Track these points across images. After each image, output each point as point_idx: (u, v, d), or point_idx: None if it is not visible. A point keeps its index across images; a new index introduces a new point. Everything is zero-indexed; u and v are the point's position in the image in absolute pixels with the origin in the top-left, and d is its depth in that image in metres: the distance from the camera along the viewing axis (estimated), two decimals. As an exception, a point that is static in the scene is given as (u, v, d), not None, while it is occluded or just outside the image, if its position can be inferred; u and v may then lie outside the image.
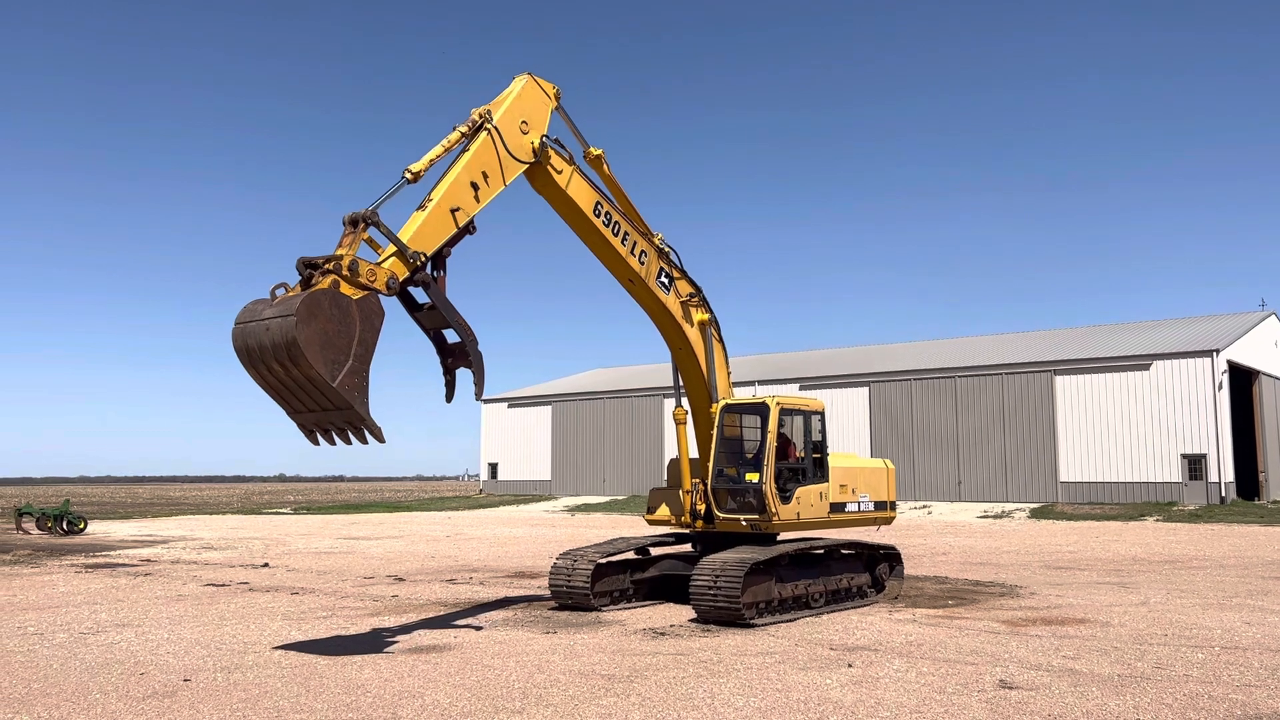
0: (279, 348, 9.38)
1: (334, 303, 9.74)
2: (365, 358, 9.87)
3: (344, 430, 10.12)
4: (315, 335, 9.40)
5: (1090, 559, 23.96)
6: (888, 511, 16.69)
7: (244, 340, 9.68)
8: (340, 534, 36.09)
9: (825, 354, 69.49)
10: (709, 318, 15.14)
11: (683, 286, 14.87)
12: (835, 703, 8.89)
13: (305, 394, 9.76)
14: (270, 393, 9.98)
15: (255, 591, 18.03)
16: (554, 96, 13.32)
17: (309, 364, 9.32)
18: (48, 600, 16.88)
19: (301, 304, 9.37)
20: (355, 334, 9.82)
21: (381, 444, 10.23)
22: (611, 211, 13.70)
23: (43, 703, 9.16)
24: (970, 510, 49.07)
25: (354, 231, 10.37)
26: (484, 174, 11.85)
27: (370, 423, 9.91)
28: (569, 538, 31.24)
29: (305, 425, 10.23)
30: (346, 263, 9.99)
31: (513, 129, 12.38)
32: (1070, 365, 51.46)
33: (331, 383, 9.47)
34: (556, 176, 12.90)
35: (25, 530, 36.52)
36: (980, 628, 13.13)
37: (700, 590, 13.34)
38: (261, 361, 9.59)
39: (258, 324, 9.58)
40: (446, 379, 11.76)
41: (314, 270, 9.84)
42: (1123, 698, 9.04)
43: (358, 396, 9.71)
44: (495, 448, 74.34)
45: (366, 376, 9.85)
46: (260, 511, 59.14)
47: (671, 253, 14.71)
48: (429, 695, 9.31)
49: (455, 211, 11.40)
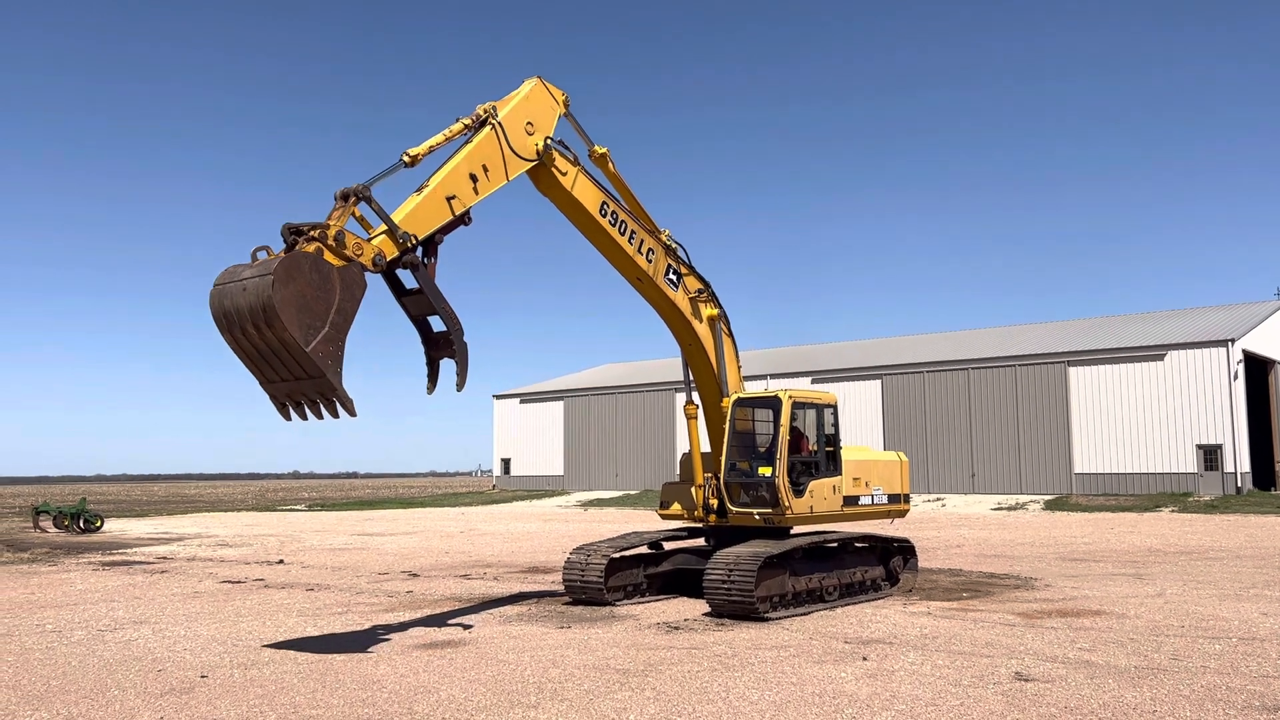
0: (255, 309, 9.20)
1: (314, 267, 9.57)
2: (342, 327, 9.69)
3: (315, 403, 9.88)
4: (292, 297, 9.23)
5: (1105, 550, 23.86)
6: (901, 504, 16.65)
7: (220, 301, 9.50)
8: (354, 530, 36.23)
9: (837, 347, 69.36)
10: (718, 313, 15.09)
11: (691, 282, 14.81)
12: (850, 696, 8.88)
13: (279, 361, 9.55)
14: (244, 359, 9.77)
15: (271, 588, 18.11)
16: (563, 103, 13.26)
17: (283, 326, 9.13)
18: (65, 598, 17.00)
19: (280, 264, 9.23)
20: (334, 302, 9.63)
21: (352, 417, 10.00)
22: (618, 210, 13.64)
23: (61, 699, 9.22)
24: (984, 502, 48.93)
25: (344, 205, 10.24)
26: (484, 167, 11.79)
27: (342, 393, 9.68)
28: (582, 533, 31.27)
29: (277, 396, 10.00)
30: (333, 233, 9.87)
31: (517, 128, 12.34)
32: (1084, 356, 51.22)
33: (305, 347, 9.28)
34: (561, 178, 12.83)
35: (43, 529, 36.77)
36: (995, 620, 13.09)
37: (714, 584, 13.34)
38: (238, 325, 9.39)
39: (235, 284, 9.40)
40: (430, 369, 11.55)
41: (298, 236, 9.68)
42: (1139, 689, 9.00)
43: (330, 365, 9.51)
44: (508, 443, 74.49)
45: (342, 346, 9.66)
46: (275, 509, 59.41)
47: (679, 249, 14.65)
48: (444, 690, 9.33)
49: (451, 199, 11.31)
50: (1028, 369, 52.77)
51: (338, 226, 9.99)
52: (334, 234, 9.87)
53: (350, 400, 9.81)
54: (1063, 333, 58.09)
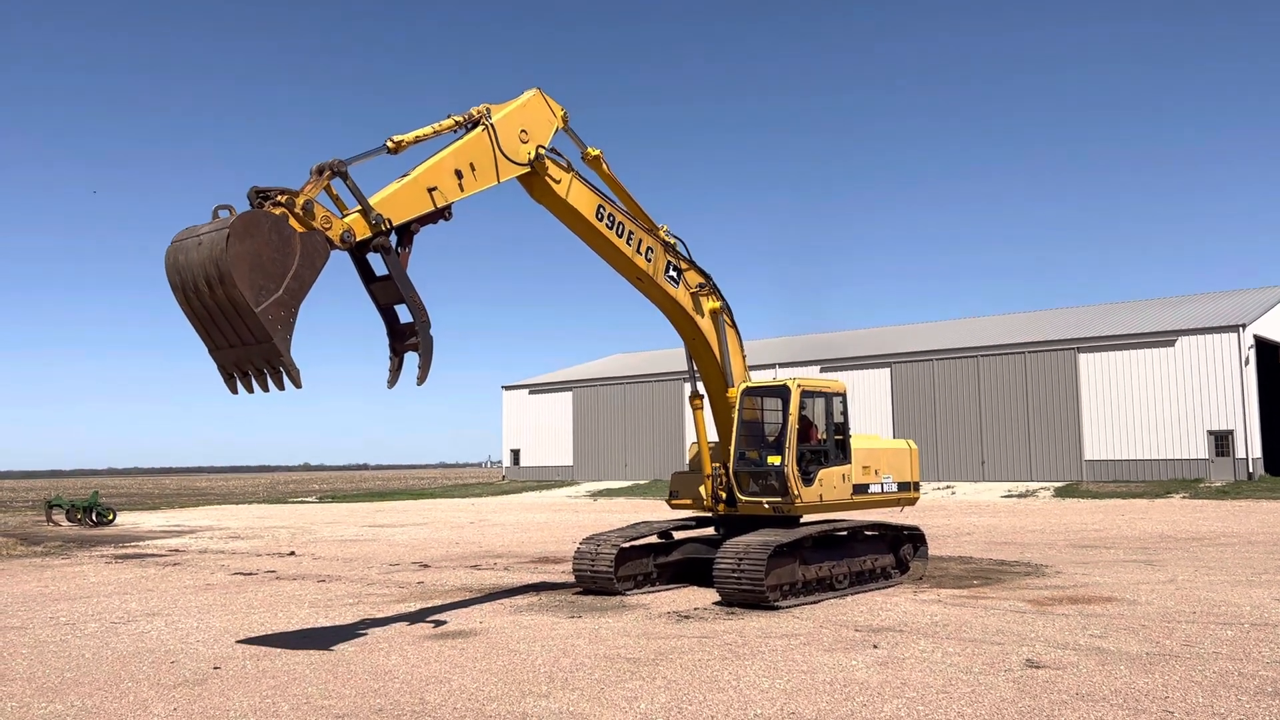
0: (207, 264, 8.96)
1: (275, 228, 9.32)
2: (297, 294, 9.40)
3: (262, 373, 9.55)
4: (246, 254, 8.97)
5: (1116, 537, 23.80)
6: (911, 492, 16.63)
7: (175, 257, 9.25)
8: (365, 522, 36.36)
9: (846, 335, 69.26)
10: (720, 306, 14.94)
11: (692, 277, 14.64)
12: (861, 684, 8.88)
13: (229, 324, 9.26)
14: (194, 321, 9.49)
15: (282, 580, 18.19)
16: (561, 118, 13.11)
17: (234, 283, 8.86)
18: (79, 590, 17.10)
19: (238, 219, 9.00)
20: (291, 267, 9.36)
21: (298, 389, 9.60)
22: (614, 212, 13.46)
23: (76, 691, 9.28)
24: (994, 490, 48.86)
25: (318, 178, 10.04)
26: (471, 165, 11.63)
27: (288, 360, 9.34)
28: (592, 523, 31.32)
29: (225, 365, 9.67)
30: (301, 201, 9.66)
31: (511, 133, 12.20)
32: (1094, 343, 51.04)
33: (254, 308, 8.98)
34: (555, 186, 12.66)
35: (56, 522, 36.99)
36: (1006, 607, 13.08)
37: (724, 573, 13.35)
38: (190, 282, 9.13)
39: (191, 240, 9.17)
40: (392, 362, 11.13)
41: (265, 200, 9.49)
42: (1151, 676, 8.99)
43: (280, 330, 9.20)
44: (517, 434, 74.62)
45: (293, 313, 9.37)
46: (286, 501, 59.64)
47: (678, 243, 14.45)
48: (455, 680, 9.36)
49: (432, 191, 11.12)
50: (1037, 356, 52.62)
51: (308, 196, 9.77)
52: (302, 203, 9.66)
53: (296, 370, 9.45)
54: (1072, 319, 57.89)
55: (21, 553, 25.32)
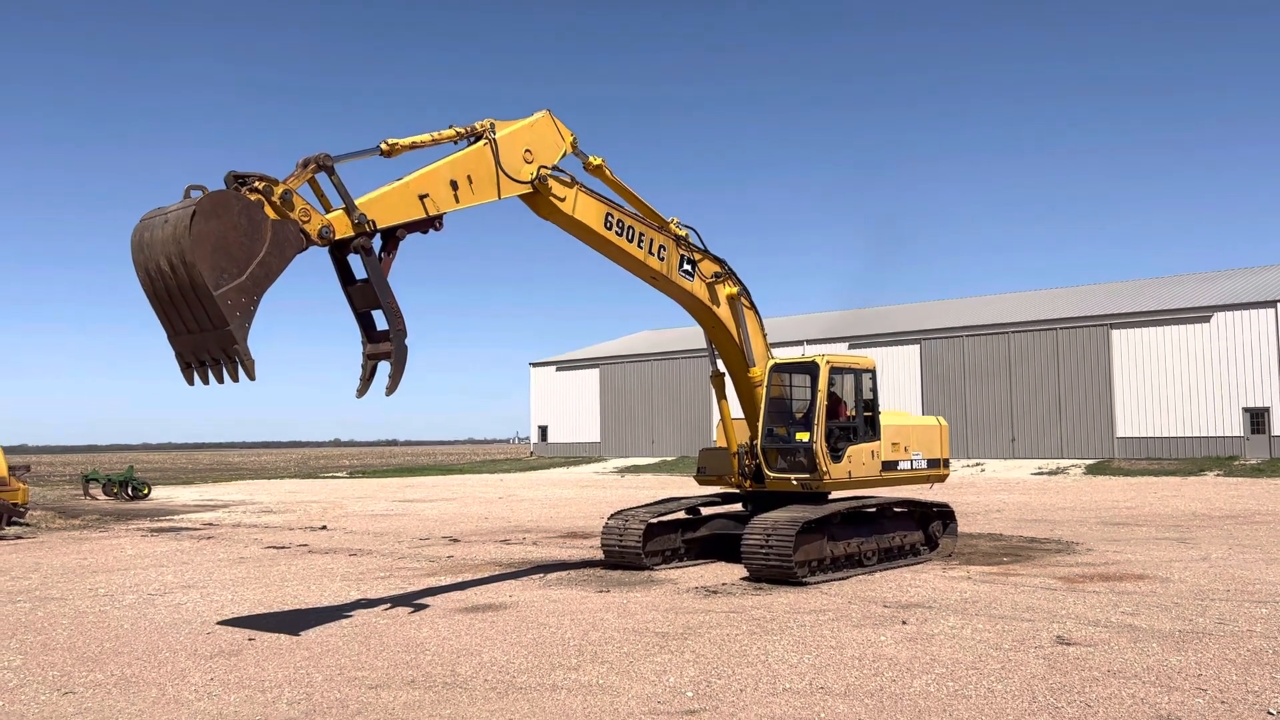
0: (168, 241, 8.67)
1: (245, 211, 9.00)
2: (261, 282, 9.06)
3: (218, 363, 9.15)
4: (211, 234, 8.68)
5: (1148, 515, 23.60)
6: (941, 469, 16.55)
7: (140, 235, 9.00)
8: (395, 497, 36.70)
9: (875, 311, 68.79)
10: (737, 291, 14.67)
11: (706, 267, 14.35)
12: (890, 659, 8.88)
13: (188, 307, 8.93)
14: (155, 303, 9.16)
15: (314, 553, 18.41)
16: (570, 143, 12.83)
17: (194, 263, 8.58)
18: (116, 563, 17.40)
19: (206, 197, 8.73)
20: (258, 254, 9.01)
21: (251, 380, 9.16)
22: (623, 217, 13.16)
23: (115, 661, 9.46)
24: (1024, 467, 48.53)
25: (302, 170, 9.77)
26: (469, 178, 11.28)
27: (243, 349, 8.94)
28: (619, 499, 31.45)
29: (183, 353, 9.32)
30: (280, 190, 9.36)
31: (514, 151, 11.87)
32: (1127, 319, 50.43)
33: (213, 290, 8.66)
34: (560, 204, 12.37)
35: (92, 496, 37.61)
36: (1036, 584, 13.02)
37: (752, 549, 13.37)
38: (152, 260, 8.85)
39: (159, 218, 8.90)
40: (364, 369, 10.58)
41: (242, 184, 9.20)
42: (1184, 653, 8.92)
43: (238, 317, 8.85)
44: (545, 411, 74.91)
45: (255, 301, 9.01)
46: (317, 476, 60.29)
47: (690, 233, 14.20)
48: (486, 653, 9.46)
49: (424, 198, 10.76)
50: (1069, 332, 52.07)
51: (288, 186, 9.49)
52: (281, 192, 9.36)
53: (251, 360, 9.04)
54: (1105, 295, 57.19)
55: (60, 526, 25.79)
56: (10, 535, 22.64)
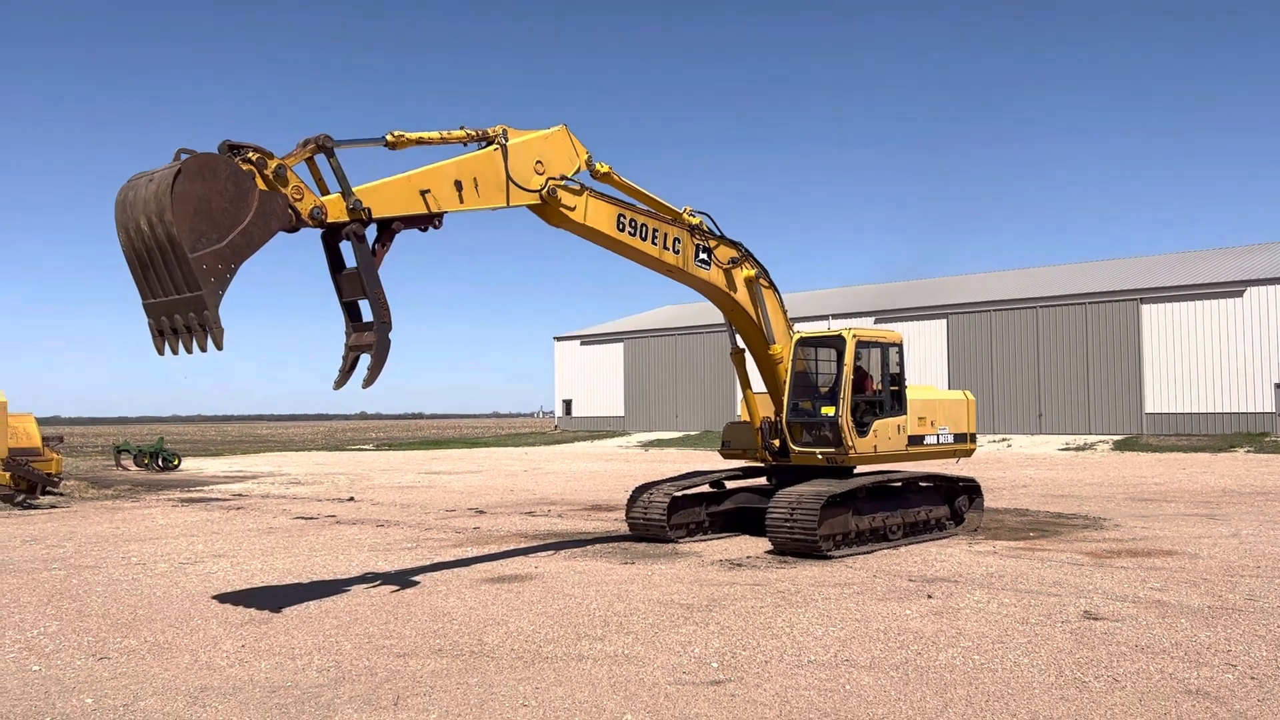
0: (150, 200, 8.57)
1: (233, 178, 8.85)
2: (241, 251, 8.89)
3: (189, 331, 8.92)
4: (194, 195, 8.56)
5: (1177, 491, 23.39)
6: (967, 444, 16.46)
7: (124, 194, 8.90)
8: (421, 469, 36.97)
9: (902, 286, 68.30)
10: (755, 273, 14.48)
11: (723, 252, 14.16)
12: (915, 633, 8.87)
13: (165, 269, 8.77)
14: (133, 265, 9.00)
15: (342, 524, 18.60)
16: (584, 160, 12.59)
17: (172, 222, 8.43)
18: (148, 532, 17.66)
19: (194, 158, 8.63)
20: (242, 221, 8.86)
21: (219, 350, 8.95)
22: (635, 216, 12.97)
23: (149, 627, 9.62)
24: (1051, 443, 48.20)
25: (301, 149, 9.65)
26: (475, 181, 11.05)
27: (213, 316, 8.71)
28: (644, 472, 31.53)
29: (155, 317, 9.10)
30: (274, 164, 9.22)
31: (525, 161, 11.65)
32: (1157, 293, 49.81)
33: (189, 252, 8.50)
34: (570, 214, 12.17)
35: (124, 467, 38.16)
36: (1063, 560, 12.95)
37: (777, 522, 13.37)
38: (133, 219, 8.74)
39: (144, 178, 8.82)
40: (344, 361, 10.34)
41: (236, 153, 9.04)
42: (1214, 629, 8.86)
43: (213, 283, 8.67)
44: (569, 385, 75.11)
45: (231, 270, 8.83)
46: (344, 448, 60.84)
47: (704, 220, 13.99)
48: (513, 623, 9.53)
49: (425, 194, 10.56)
50: (1098, 307, 51.52)
51: (284, 162, 9.36)
52: (275, 166, 9.23)
53: (220, 329, 8.80)
54: (1135, 269, 56.46)
55: (93, 495, 26.20)
56: (45, 505, 23.03)
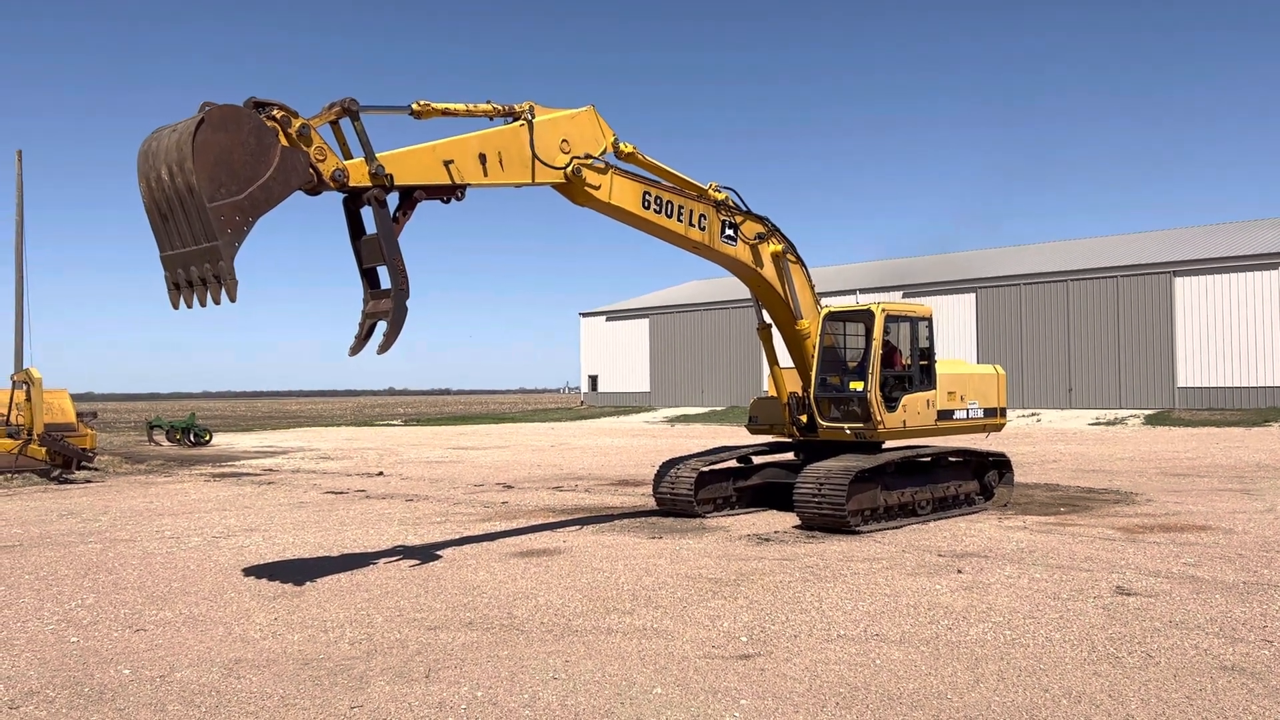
0: (171, 148, 8.60)
1: (256, 132, 8.89)
2: (260, 204, 8.92)
3: (204, 284, 8.90)
4: (215, 145, 8.60)
5: (1211, 465, 23.12)
6: (997, 419, 16.33)
7: (146, 145, 8.91)
8: (449, 444, 37.19)
9: (930, 260, 67.71)
10: (782, 249, 14.38)
11: (749, 228, 14.04)
12: (945, 607, 8.83)
13: (184, 218, 8.76)
14: (152, 216, 9.01)
15: (372, 499, 18.76)
16: (610, 142, 12.51)
17: (193, 170, 8.46)
18: (181, 506, 17.89)
19: (216, 109, 8.66)
20: (262, 176, 8.90)
21: (232, 302, 8.93)
22: (660, 194, 12.89)
23: (183, 600, 9.74)
24: (1081, 417, 47.77)
25: (327, 111, 9.65)
26: (499, 155, 11.00)
27: (228, 268, 8.68)
28: (670, 447, 31.55)
29: (172, 270, 9.07)
30: (298, 124, 9.24)
31: (551, 139, 11.57)
32: (1191, 266, 49.09)
33: (207, 201, 8.53)
34: (595, 192, 12.09)
35: (157, 442, 38.65)
36: (1095, 535, 12.84)
37: (805, 497, 13.33)
38: (154, 169, 8.75)
39: (169, 129, 8.85)
40: (361, 327, 10.32)
41: (260, 110, 9.08)
42: (1249, 605, 8.75)
43: (229, 234, 8.68)
44: (595, 360, 75.22)
45: (249, 223, 8.87)
46: (372, 424, 61.29)
47: (730, 195, 13.88)
48: (542, 596, 9.58)
49: (449, 164, 10.51)
50: (1130, 280, 50.86)
51: (308, 122, 9.38)
52: (299, 125, 9.25)
53: (234, 281, 8.77)
54: (1168, 241, 55.67)
55: (127, 470, 26.56)
56: (80, 479, 23.38)
